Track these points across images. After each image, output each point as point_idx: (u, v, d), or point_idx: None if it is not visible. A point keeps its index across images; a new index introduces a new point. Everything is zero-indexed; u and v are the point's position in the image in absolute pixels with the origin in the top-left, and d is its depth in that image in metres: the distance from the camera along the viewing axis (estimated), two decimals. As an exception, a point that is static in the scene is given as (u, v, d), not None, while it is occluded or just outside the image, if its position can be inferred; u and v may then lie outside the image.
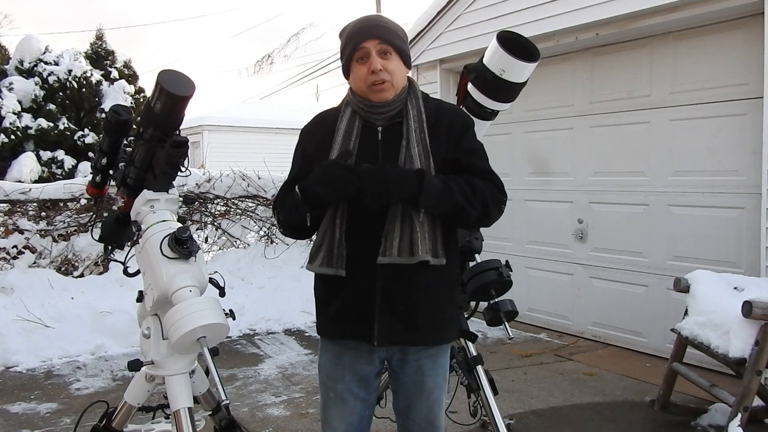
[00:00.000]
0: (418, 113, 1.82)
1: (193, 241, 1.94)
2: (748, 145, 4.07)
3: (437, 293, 1.83)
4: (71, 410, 3.78)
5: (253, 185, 6.61)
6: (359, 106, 1.82)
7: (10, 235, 5.55)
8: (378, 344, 1.78)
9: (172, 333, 1.80)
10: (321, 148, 1.83)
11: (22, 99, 13.80)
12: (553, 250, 5.42)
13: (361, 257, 1.76)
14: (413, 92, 1.86)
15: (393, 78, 1.78)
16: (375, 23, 1.80)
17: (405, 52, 1.83)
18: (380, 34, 1.77)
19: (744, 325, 2.97)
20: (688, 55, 4.42)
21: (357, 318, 1.79)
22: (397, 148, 1.78)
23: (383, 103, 1.79)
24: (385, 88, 1.77)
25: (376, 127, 1.82)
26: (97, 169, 2.27)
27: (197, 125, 17.90)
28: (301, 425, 3.55)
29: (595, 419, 3.61)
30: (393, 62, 1.78)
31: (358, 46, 1.77)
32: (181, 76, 2.01)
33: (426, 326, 1.81)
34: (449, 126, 1.85)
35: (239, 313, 5.25)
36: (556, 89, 5.32)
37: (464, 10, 5.64)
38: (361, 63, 1.78)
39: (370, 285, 1.76)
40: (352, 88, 1.86)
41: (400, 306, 1.77)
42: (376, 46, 1.76)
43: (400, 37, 1.81)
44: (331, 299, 1.84)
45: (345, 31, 1.83)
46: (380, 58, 1.76)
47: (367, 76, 1.77)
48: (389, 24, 1.82)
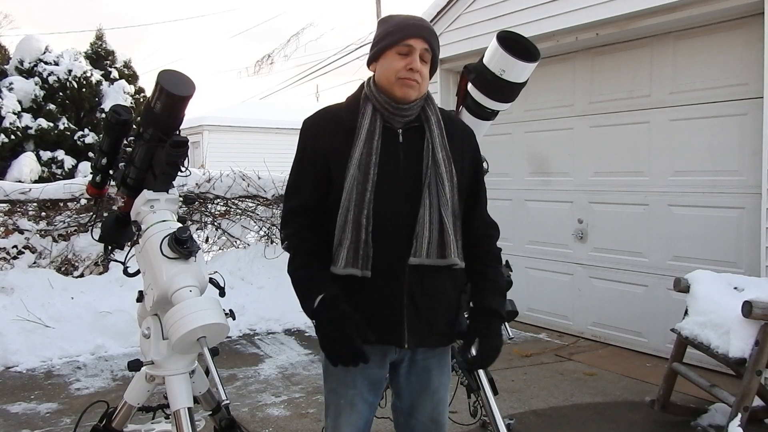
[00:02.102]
0: (438, 120, 1.83)
1: (193, 241, 1.95)
2: (749, 145, 4.07)
3: (450, 295, 1.84)
4: (71, 410, 3.78)
5: (253, 185, 6.61)
6: (384, 105, 1.78)
7: (10, 235, 5.55)
8: (408, 346, 1.78)
9: (172, 333, 1.80)
10: (335, 146, 1.77)
11: (22, 99, 13.79)
12: (554, 250, 5.42)
13: (386, 258, 1.73)
14: (431, 100, 1.87)
15: (423, 82, 1.78)
16: (426, 26, 1.80)
17: (436, 62, 1.84)
18: (429, 38, 1.77)
19: (744, 325, 2.97)
20: (689, 55, 4.42)
21: (383, 321, 1.75)
22: (417, 151, 1.79)
23: (407, 104, 1.78)
24: (414, 86, 1.76)
25: (396, 129, 1.80)
26: (97, 169, 2.27)
27: (197, 125, 17.91)
28: (301, 425, 3.55)
29: (595, 419, 3.61)
30: (426, 68, 1.79)
31: (405, 41, 1.75)
32: (181, 76, 2.01)
33: (442, 328, 1.83)
34: (461, 140, 1.88)
35: (239, 313, 5.25)
36: (556, 89, 5.32)
37: (464, 10, 5.64)
38: (400, 57, 1.76)
39: (397, 286, 1.74)
40: (377, 80, 1.81)
41: (422, 308, 1.76)
42: (422, 48, 1.76)
43: (439, 47, 1.83)
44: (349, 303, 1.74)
45: (391, 21, 1.81)
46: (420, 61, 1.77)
47: (401, 70, 1.74)
48: (433, 31, 1.83)
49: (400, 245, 1.73)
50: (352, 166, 1.73)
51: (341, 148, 1.76)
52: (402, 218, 1.74)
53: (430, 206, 1.74)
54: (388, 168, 1.76)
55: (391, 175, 1.76)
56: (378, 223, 1.73)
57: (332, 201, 1.75)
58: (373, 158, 1.74)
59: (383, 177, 1.74)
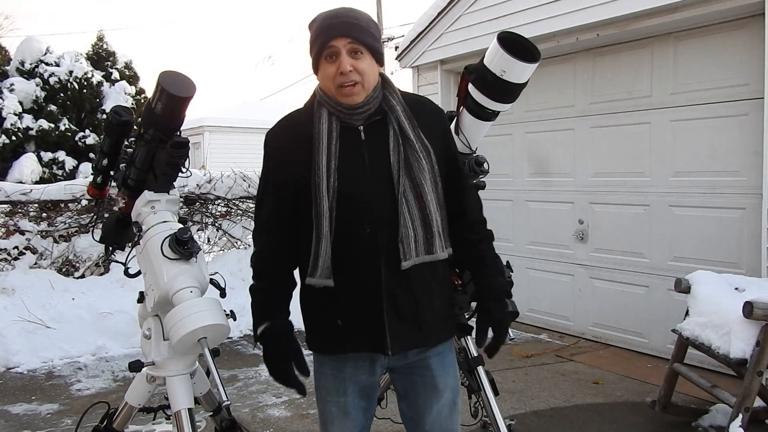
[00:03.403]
0: (404, 109, 1.71)
1: (194, 241, 1.95)
2: (749, 146, 4.07)
3: (431, 287, 1.74)
4: (72, 411, 3.78)
5: (253, 186, 6.61)
6: (334, 108, 1.69)
7: (11, 236, 5.57)
8: (392, 353, 1.69)
9: (173, 334, 1.80)
10: (295, 156, 1.69)
11: (23, 100, 13.80)
12: (554, 250, 5.42)
13: (361, 264, 1.66)
14: (389, 87, 1.74)
15: (364, 78, 1.65)
16: (345, 20, 1.64)
17: (377, 50, 1.69)
18: (351, 32, 1.63)
19: (745, 326, 2.97)
20: (689, 56, 4.42)
21: (364, 329, 1.69)
22: (383, 146, 1.68)
23: (356, 105, 1.67)
24: (354, 92, 1.64)
25: (356, 127, 1.70)
26: (98, 170, 2.27)
27: (198, 126, 17.92)
28: (302, 426, 3.55)
29: (596, 420, 3.61)
30: (364, 62, 1.65)
31: (327, 44, 1.63)
32: (181, 76, 2.01)
33: (428, 324, 1.72)
34: (430, 124, 1.75)
35: (240, 314, 5.20)
36: (556, 90, 5.32)
37: (465, 11, 5.64)
38: (329, 61, 1.65)
39: (375, 292, 1.66)
40: (322, 87, 1.72)
41: (404, 309, 1.68)
42: (347, 45, 1.62)
43: (372, 35, 1.67)
44: (328, 313, 1.73)
45: (314, 24, 1.68)
46: (350, 58, 1.63)
47: (335, 76, 1.64)
48: (361, 20, 1.66)
49: (376, 248, 1.65)
50: (314, 175, 1.64)
51: (303, 157, 1.67)
52: (376, 218, 1.65)
53: (407, 202, 1.65)
54: (353, 170, 1.66)
55: (356, 177, 1.66)
56: (348, 229, 1.65)
57: (305, 213, 1.67)
58: (333, 164, 1.65)
59: (348, 180, 1.65)
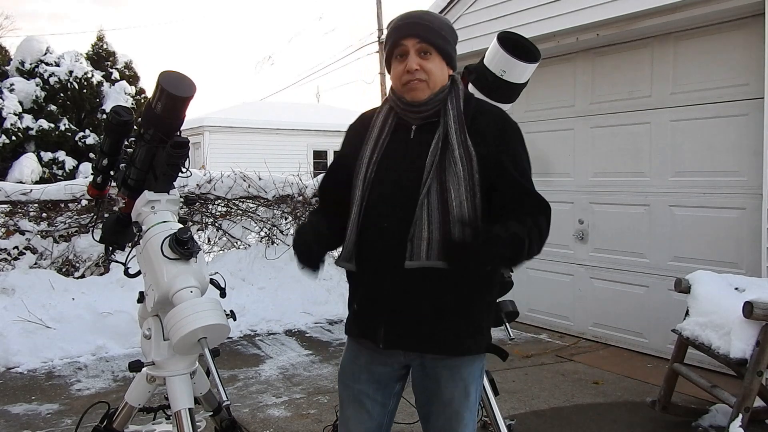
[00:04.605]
0: (458, 114, 1.73)
1: (194, 241, 1.95)
2: (749, 146, 4.07)
3: (445, 299, 1.71)
4: (72, 411, 3.78)
5: (253, 186, 6.61)
6: (396, 103, 1.78)
7: (11, 236, 5.56)
8: (383, 347, 1.75)
9: (173, 334, 1.80)
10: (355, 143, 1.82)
11: (23, 100, 13.82)
12: (554, 250, 5.42)
13: (376, 256, 1.73)
14: (455, 92, 1.77)
15: (430, 78, 1.71)
16: (417, 20, 1.73)
17: (447, 52, 1.76)
18: (421, 33, 1.71)
19: (745, 326, 2.97)
20: (689, 56, 4.42)
21: (368, 318, 1.79)
22: (427, 148, 1.70)
23: (418, 102, 1.73)
24: (418, 87, 1.71)
25: (409, 126, 1.77)
26: (98, 169, 2.27)
27: (198, 126, 17.90)
28: (302, 426, 3.55)
29: (596, 420, 3.61)
30: (432, 62, 1.72)
31: (398, 43, 1.72)
32: (181, 76, 2.01)
33: (427, 332, 1.72)
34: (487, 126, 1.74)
35: (240, 314, 5.23)
36: (556, 90, 5.32)
37: (465, 10, 5.64)
38: (399, 60, 1.73)
39: (380, 286, 1.74)
40: (392, 85, 1.82)
41: (403, 308, 1.71)
42: (416, 45, 1.70)
43: (444, 37, 1.75)
44: (353, 297, 1.87)
45: (390, 25, 1.79)
46: (419, 58, 1.71)
47: (402, 75, 1.72)
48: (434, 22, 1.74)
49: (392, 244, 1.68)
50: (358, 163, 1.76)
51: (358, 146, 1.80)
52: (399, 215, 1.69)
53: (428, 204, 1.65)
54: (393, 166, 1.74)
55: (393, 173, 1.73)
56: (374, 221, 1.72)
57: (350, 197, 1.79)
58: (375, 156, 1.75)
59: (384, 174, 1.73)
